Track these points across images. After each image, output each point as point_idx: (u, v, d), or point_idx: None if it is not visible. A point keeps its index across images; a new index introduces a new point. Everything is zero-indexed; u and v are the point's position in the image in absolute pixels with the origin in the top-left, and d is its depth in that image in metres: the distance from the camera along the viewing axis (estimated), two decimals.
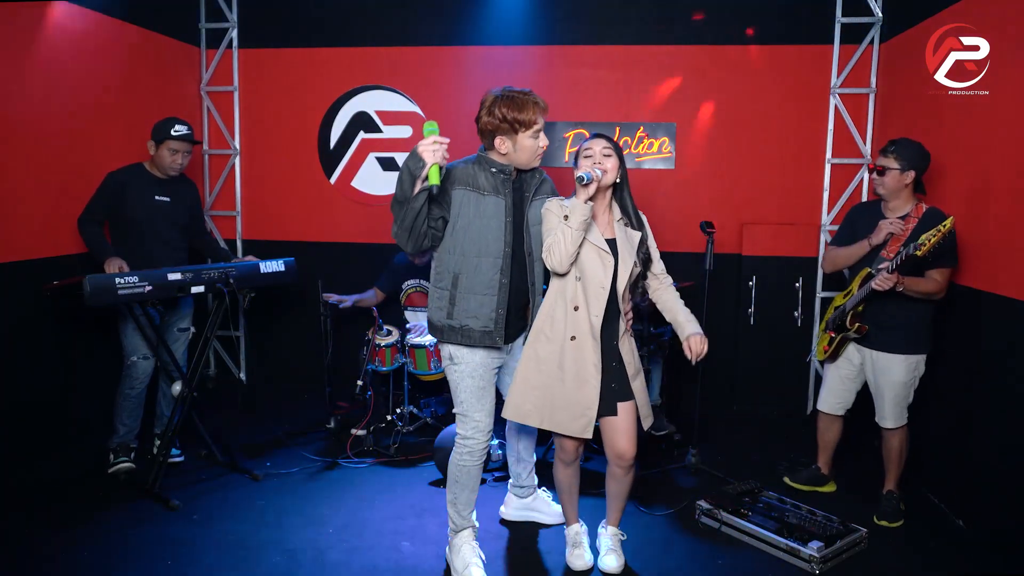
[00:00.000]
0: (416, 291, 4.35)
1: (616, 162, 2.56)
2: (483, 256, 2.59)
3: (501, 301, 2.61)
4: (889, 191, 3.12)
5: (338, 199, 5.08)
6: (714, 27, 4.63)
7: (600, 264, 2.55)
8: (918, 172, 3.08)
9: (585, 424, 2.56)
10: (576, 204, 2.43)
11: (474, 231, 2.58)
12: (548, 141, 2.65)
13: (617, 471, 2.69)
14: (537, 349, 2.61)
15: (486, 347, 2.65)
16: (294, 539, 3.00)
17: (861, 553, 2.92)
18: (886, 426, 3.20)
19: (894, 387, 3.13)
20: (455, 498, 2.76)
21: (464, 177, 2.59)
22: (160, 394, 3.81)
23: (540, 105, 2.56)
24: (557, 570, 2.83)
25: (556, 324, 2.57)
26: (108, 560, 2.81)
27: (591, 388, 2.55)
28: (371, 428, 3.99)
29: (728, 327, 4.68)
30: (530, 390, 2.61)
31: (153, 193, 3.61)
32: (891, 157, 3.08)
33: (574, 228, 2.44)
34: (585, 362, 2.55)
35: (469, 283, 2.60)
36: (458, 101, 4.85)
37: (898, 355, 3.11)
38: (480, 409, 2.68)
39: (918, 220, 3.04)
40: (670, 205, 4.69)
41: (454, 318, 2.62)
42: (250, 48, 5.04)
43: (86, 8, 3.94)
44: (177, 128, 3.56)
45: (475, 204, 2.58)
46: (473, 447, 2.70)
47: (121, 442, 3.59)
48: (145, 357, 3.58)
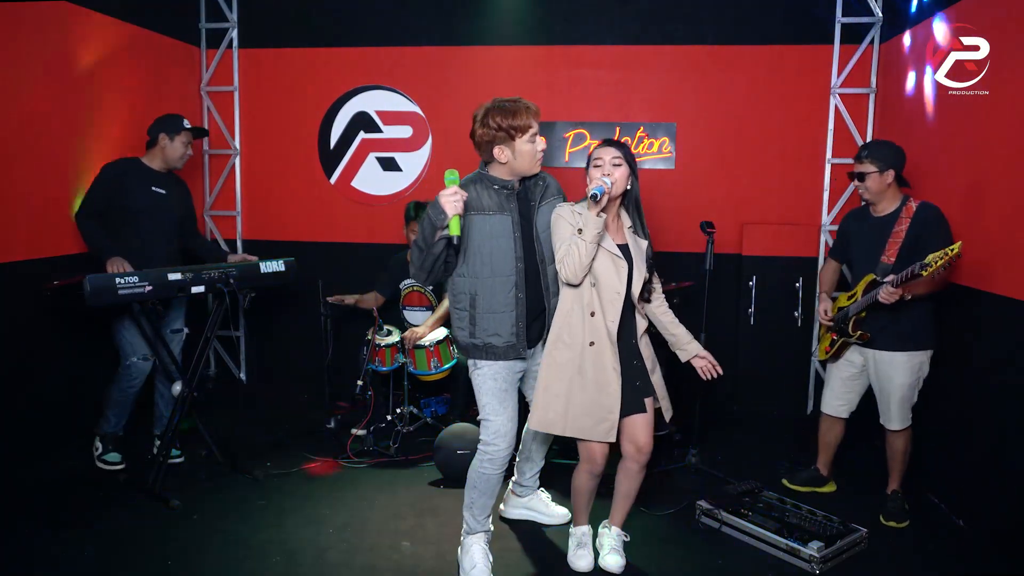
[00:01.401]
0: (414, 290, 4.35)
1: (626, 171, 2.56)
2: (497, 276, 2.60)
3: (520, 315, 2.63)
4: (873, 194, 3.16)
5: (338, 199, 5.08)
6: (714, 27, 4.63)
7: (615, 270, 2.56)
8: (897, 169, 3.12)
9: (608, 428, 2.56)
10: (589, 217, 2.45)
11: (485, 253, 2.59)
12: (545, 144, 2.67)
13: (632, 467, 2.70)
14: (556, 356, 2.61)
15: (510, 359, 2.67)
16: (294, 539, 3.00)
17: (861, 553, 2.92)
18: (892, 428, 3.19)
19: (899, 388, 3.13)
20: (472, 503, 2.74)
21: (469, 203, 2.56)
22: (157, 395, 3.82)
23: (532, 109, 2.58)
24: (559, 570, 2.83)
25: (574, 330, 2.58)
26: (108, 560, 2.81)
27: (612, 391, 2.55)
28: (371, 428, 3.99)
29: (728, 327, 4.68)
30: (552, 398, 2.61)
31: (150, 184, 3.65)
32: (867, 161, 3.12)
33: (588, 241, 2.46)
34: (605, 367, 2.55)
35: (487, 303, 2.61)
36: (458, 101, 4.85)
37: (901, 353, 3.11)
38: (501, 412, 2.66)
39: (911, 219, 3.06)
40: (670, 205, 4.69)
41: (476, 337, 2.65)
42: (250, 48, 5.04)
43: (86, 8, 3.94)
44: (187, 122, 3.71)
45: (482, 227, 2.59)
46: (495, 454, 2.66)
47: (111, 431, 3.64)
48: (144, 358, 3.59)
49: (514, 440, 2.71)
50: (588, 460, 2.67)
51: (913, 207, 3.09)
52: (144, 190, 3.62)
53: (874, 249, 3.16)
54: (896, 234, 3.09)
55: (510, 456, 2.71)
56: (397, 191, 5.00)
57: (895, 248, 3.07)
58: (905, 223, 3.07)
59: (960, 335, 3.32)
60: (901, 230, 3.07)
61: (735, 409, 4.67)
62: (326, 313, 4.20)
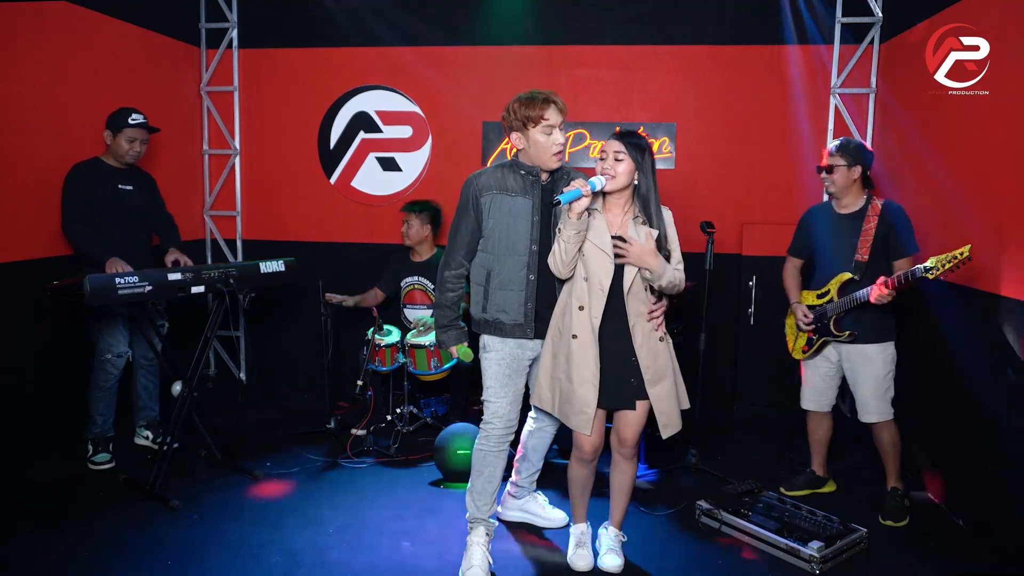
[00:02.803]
0: (416, 288, 4.35)
1: (629, 165, 2.56)
2: (512, 254, 2.70)
3: (529, 296, 2.72)
4: (839, 188, 3.25)
5: (338, 199, 5.08)
6: (714, 27, 4.63)
7: (601, 265, 2.55)
8: (864, 167, 3.22)
9: (584, 421, 2.56)
10: (563, 218, 2.48)
11: (503, 230, 2.70)
12: (563, 139, 2.72)
13: (617, 458, 2.72)
14: (553, 342, 2.67)
15: (517, 338, 2.74)
16: (294, 539, 3.00)
17: (861, 553, 2.92)
18: (871, 420, 3.23)
19: (875, 379, 3.20)
20: (472, 485, 2.82)
21: (492, 182, 2.72)
22: (141, 388, 3.89)
23: (551, 101, 2.66)
24: (558, 569, 2.83)
25: (566, 321, 2.61)
26: (108, 560, 2.81)
27: (590, 387, 2.55)
28: (371, 428, 3.99)
29: (728, 327, 4.68)
30: (548, 379, 2.68)
31: (116, 182, 3.66)
32: (837, 155, 3.23)
33: (564, 240, 2.48)
34: (586, 362, 2.55)
35: (499, 280, 2.72)
36: (458, 101, 4.86)
37: (874, 345, 3.20)
38: (503, 396, 2.74)
39: (878, 217, 3.15)
40: (670, 205, 4.60)
41: (487, 312, 2.76)
42: (250, 48, 5.04)
43: (86, 8, 3.94)
44: (134, 116, 3.65)
45: (503, 205, 2.70)
46: (490, 432, 2.75)
47: (100, 432, 3.65)
48: (119, 355, 3.63)
49: (514, 424, 2.78)
50: (576, 446, 2.71)
51: (879, 205, 3.19)
52: (109, 189, 3.63)
53: (844, 246, 3.22)
54: (866, 231, 3.17)
55: (508, 438, 2.78)
56: (397, 191, 5.00)
57: (867, 246, 3.15)
58: (873, 220, 3.16)
59: (960, 335, 3.32)
60: (871, 228, 3.16)
61: (735, 409, 4.67)
62: (326, 313, 4.20)
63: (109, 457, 3.66)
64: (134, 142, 3.67)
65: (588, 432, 2.58)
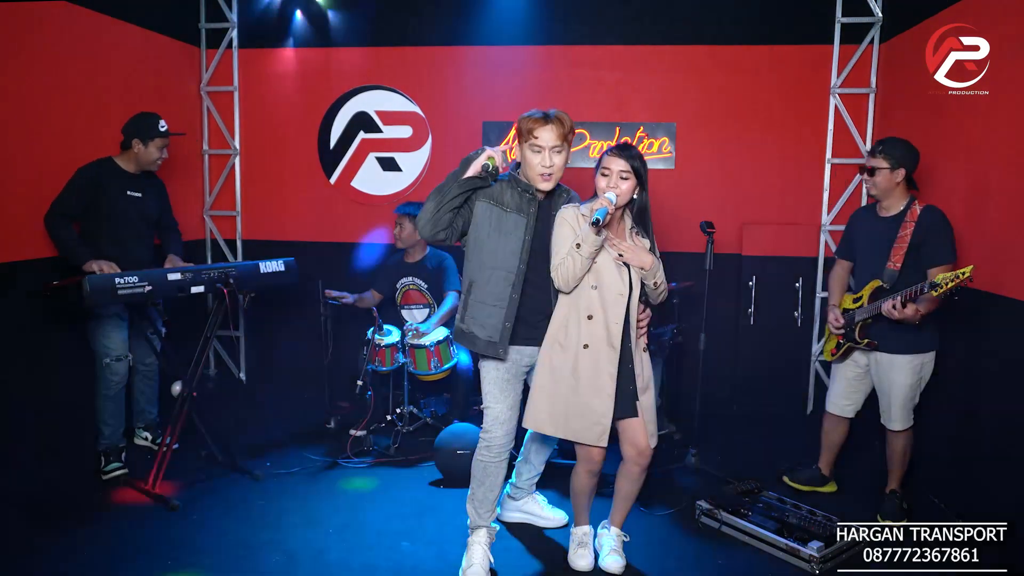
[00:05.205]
0: (411, 288, 4.35)
1: (632, 184, 2.56)
2: (497, 269, 2.65)
3: (509, 315, 2.65)
4: (881, 191, 3.14)
5: (338, 199, 5.08)
6: (714, 27, 4.63)
7: (617, 272, 2.56)
8: (908, 169, 3.10)
9: (600, 432, 2.55)
10: (589, 235, 2.46)
11: (491, 244, 2.65)
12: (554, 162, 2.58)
13: (634, 470, 2.69)
14: (551, 358, 2.61)
15: (489, 357, 2.68)
16: (294, 539, 3.00)
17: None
18: (893, 428, 3.19)
19: (900, 388, 3.13)
20: (472, 494, 2.79)
21: (490, 192, 2.68)
22: (138, 391, 3.87)
23: (546, 119, 2.55)
24: (558, 568, 2.83)
25: (570, 333, 2.58)
26: (108, 561, 2.81)
27: (606, 396, 2.54)
28: (371, 428, 3.99)
29: (728, 327, 4.68)
30: (545, 398, 2.62)
31: (126, 188, 3.64)
32: (880, 157, 3.11)
33: (584, 257, 2.48)
34: (600, 371, 2.55)
35: (481, 293, 2.67)
36: (458, 101, 4.86)
37: (903, 356, 3.11)
38: (501, 401, 2.70)
39: (915, 223, 3.04)
40: (670, 205, 4.69)
41: (464, 322, 2.71)
42: (250, 48, 5.04)
43: (86, 8, 3.94)
44: (163, 124, 3.64)
45: (496, 218, 2.65)
46: (491, 441, 2.71)
47: (110, 444, 3.60)
48: (118, 359, 3.60)
49: (513, 430, 2.74)
50: (586, 460, 2.68)
51: (918, 210, 3.06)
52: (119, 194, 3.60)
53: (879, 252, 3.13)
54: (901, 238, 3.06)
55: (509, 446, 2.73)
56: (397, 191, 5.00)
57: (900, 254, 3.04)
58: (910, 227, 3.04)
59: (961, 336, 3.32)
60: (906, 234, 3.04)
61: (735, 409, 4.67)
62: (326, 313, 4.20)
63: (121, 465, 3.61)
64: (163, 149, 3.68)
65: (605, 444, 2.58)
